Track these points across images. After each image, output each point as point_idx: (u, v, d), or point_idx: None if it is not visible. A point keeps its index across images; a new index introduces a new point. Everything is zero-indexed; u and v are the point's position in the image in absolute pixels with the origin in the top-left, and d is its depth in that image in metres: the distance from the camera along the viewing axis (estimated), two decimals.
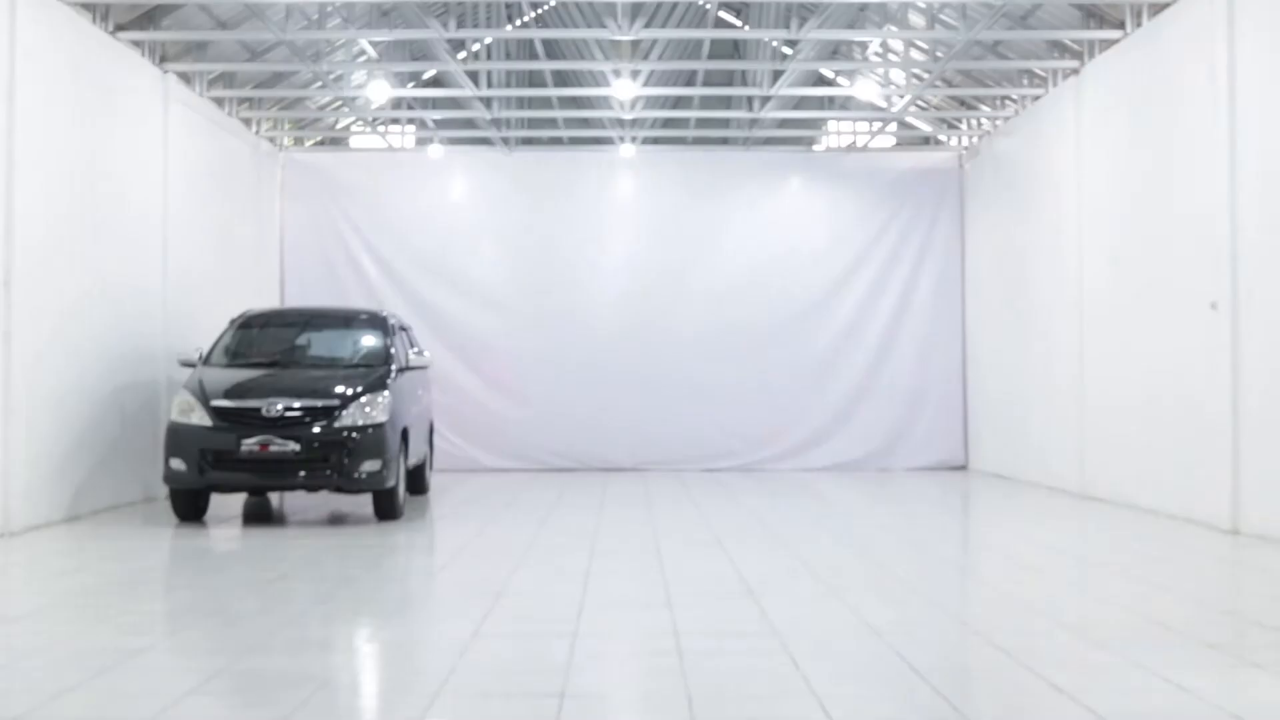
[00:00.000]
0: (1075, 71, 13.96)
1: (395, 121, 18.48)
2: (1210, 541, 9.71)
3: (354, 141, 19.22)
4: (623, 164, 18.37)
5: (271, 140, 17.49)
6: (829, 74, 17.44)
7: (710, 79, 17.24)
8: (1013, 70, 15.50)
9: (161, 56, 13.54)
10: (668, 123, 18.38)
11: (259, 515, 12.00)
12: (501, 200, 18.20)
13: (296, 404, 10.70)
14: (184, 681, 5.30)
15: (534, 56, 16.53)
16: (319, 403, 10.73)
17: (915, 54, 15.62)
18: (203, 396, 10.80)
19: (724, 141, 18.67)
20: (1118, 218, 12.86)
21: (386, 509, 11.21)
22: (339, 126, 19.11)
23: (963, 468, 17.88)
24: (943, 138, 18.84)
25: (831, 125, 18.93)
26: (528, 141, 18.71)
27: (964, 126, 18.15)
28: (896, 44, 16.06)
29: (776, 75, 15.34)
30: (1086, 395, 13.65)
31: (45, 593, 7.76)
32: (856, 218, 18.14)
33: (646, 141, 18.37)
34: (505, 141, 17.92)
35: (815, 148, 18.82)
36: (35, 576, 8.51)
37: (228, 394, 10.83)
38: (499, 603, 7.02)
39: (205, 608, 7.09)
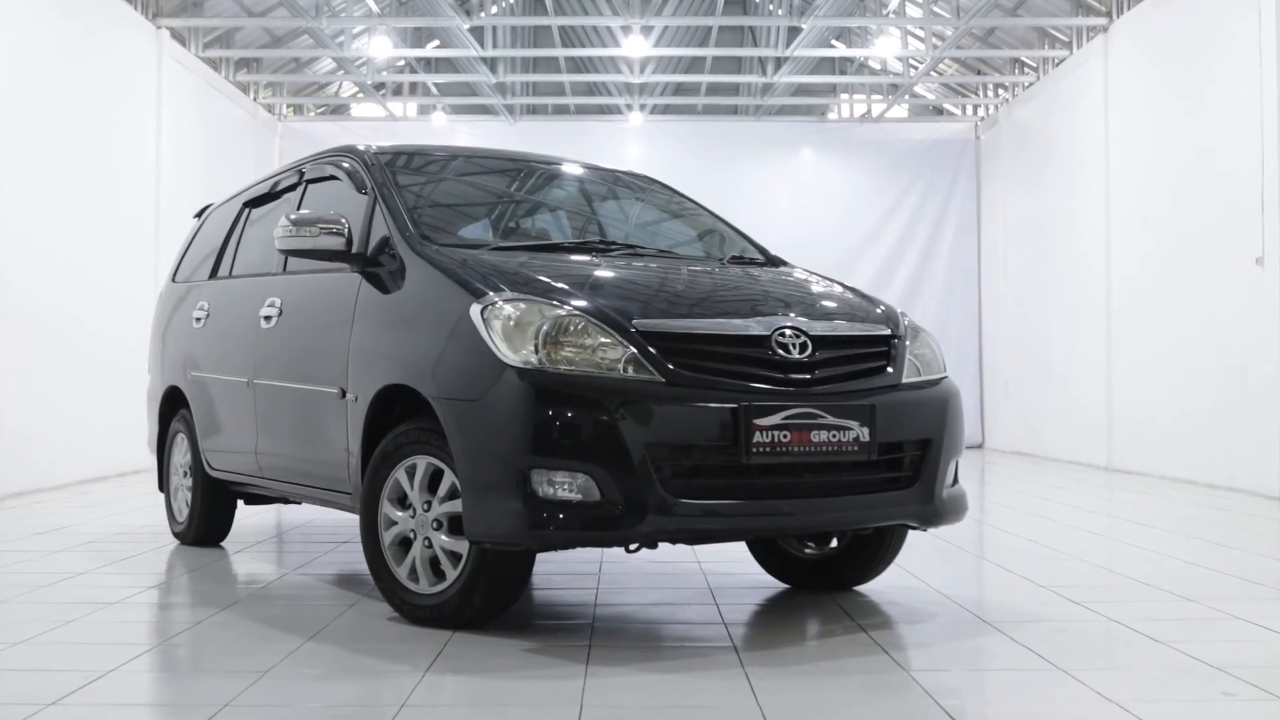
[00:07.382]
0: (1103, 30, 13.48)
1: (398, 90, 17.97)
2: (1261, 506, 9.24)
3: (355, 111, 18.71)
4: (631, 133, 17.85)
5: (269, 109, 16.97)
6: (842, 47, 16.93)
7: (723, 38, 16.71)
8: (1033, 34, 15.01)
9: (155, 12, 13.02)
10: (679, 89, 17.86)
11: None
12: None
13: (842, 329, 4.77)
14: None
15: (542, 14, 16.04)
16: (872, 330, 4.86)
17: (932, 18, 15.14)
18: (604, 312, 4.35)
19: (734, 111, 18.15)
20: (1150, 180, 12.37)
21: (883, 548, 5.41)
22: (340, 95, 18.60)
23: (979, 446, 17.43)
24: (955, 110, 18.36)
25: (844, 96, 18.43)
26: (533, 110, 18.19)
27: (979, 95, 17.67)
28: (915, 11, 15.58)
29: (792, 35, 14.85)
30: (1114, 366, 13.18)
31: None
32: (870, 190, 17.65)
33: (656, 110, 17.85)
34: (510, 110, 17.40)
35: (829, 116, 18.32)
36: None
37: (653, 307, 4.51)
38: None
39: None
